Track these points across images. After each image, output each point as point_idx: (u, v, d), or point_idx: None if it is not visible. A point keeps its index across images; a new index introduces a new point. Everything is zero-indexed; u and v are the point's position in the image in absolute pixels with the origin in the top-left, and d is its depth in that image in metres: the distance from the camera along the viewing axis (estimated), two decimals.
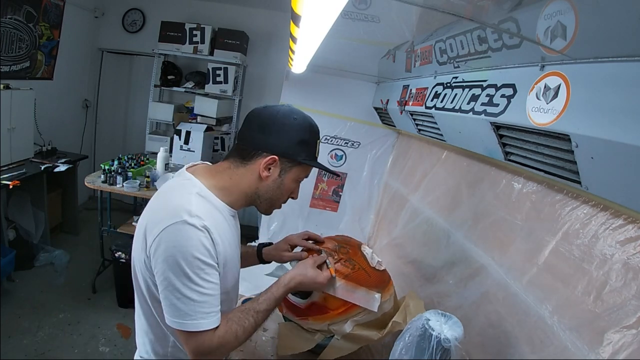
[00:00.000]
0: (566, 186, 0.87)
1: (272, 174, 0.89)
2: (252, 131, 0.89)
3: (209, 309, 0.78)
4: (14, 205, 2.96)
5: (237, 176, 0.89)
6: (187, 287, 0.76)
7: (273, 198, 0.93)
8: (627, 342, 0.65)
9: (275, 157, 0.87)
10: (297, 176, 0.94)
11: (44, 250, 3.07)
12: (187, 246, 0.75)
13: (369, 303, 1.13)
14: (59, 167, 3.00)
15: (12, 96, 2.73)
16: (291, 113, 0.90)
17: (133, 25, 4.02)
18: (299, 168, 0.92)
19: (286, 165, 0.90)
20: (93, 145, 4.31)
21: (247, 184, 0.90)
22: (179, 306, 0.76)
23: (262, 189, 0.91)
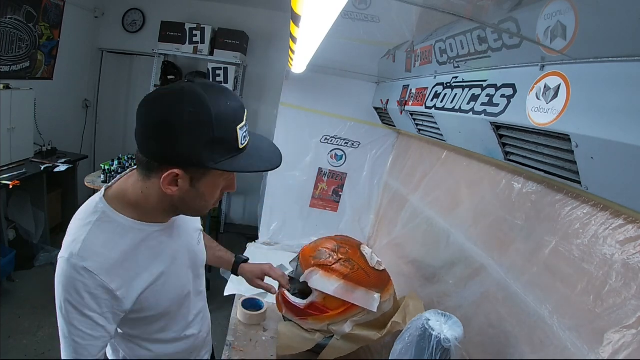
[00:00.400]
0: (566, 186, 0.87)
1: (181, 187, 0.71)
2: (143, 136, 0.70)
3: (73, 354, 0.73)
4: (14, 205, 2.96)
5: (147, 190, 0.74)
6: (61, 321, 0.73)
7: (195, 207, 0.78)
8: (627, 342, 0.65)
9: (174, 172, 0.68)
10: (218, 179, 0.75)
11: (44, 250, 3.07)
12: (62, 284, 0.71)
13: (369, 303, 1.13)
14: (59, 167, 3.00)
15: (12, 96, 2.72)
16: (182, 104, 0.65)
17: (133, 25, 4.02)
18: (215, 172, 0.72)
19: (196, 174, 0.71)
20: (93, 145, 4.30)
21: (156, 201, 0.75)
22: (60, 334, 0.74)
23: (177, 201, 0.75)
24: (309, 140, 2.18)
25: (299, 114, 2.14)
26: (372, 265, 1.20)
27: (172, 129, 0.66)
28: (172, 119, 0.65)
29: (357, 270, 1.16)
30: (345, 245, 1.22)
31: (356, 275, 1.15)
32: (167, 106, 0.66)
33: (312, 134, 2.18)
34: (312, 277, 1.14)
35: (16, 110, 2.77)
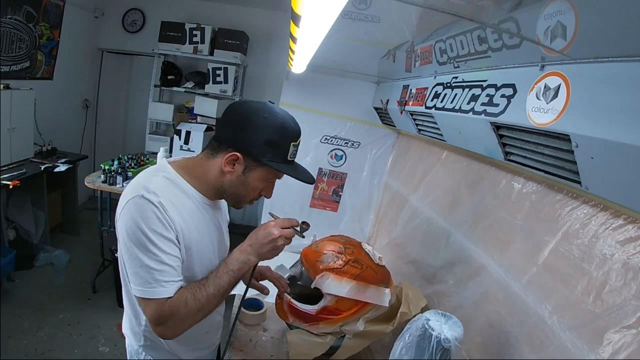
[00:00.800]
0: (566, 186, 0.87)
1: (236, 170, 0.89)
2: (224, 125, 0.92)
3: (168, 277, 0.82)
4: (14, 205, 2.96)
5: (207, 167, 0.91)
6: (145, 256, 0.81)
7: (238, 194, 0.94)
8: (627, 342, 0.65)
9: (236, 154, 0.87)
10: (263, 176, 0.92)
11: (44, 250, 3.07)
12: (143, 218, 0.80)
13: (381, 299, 1.15)
14: (59, 167, 3.00)
15: (12, 96, 2.72)
16: (262, 111, 0.88)
17: (133, 25, 4.02)
18: (264, 169, 0.90)
19: (250, 163, 0.89)
20: (93, 145, 4.31)
21: (213, 176, 0.91)
22: (140, 274, 0.81)
23: (227, 184, 0.91)
24: (309, 140, 2.18)
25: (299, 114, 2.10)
26: (376, 262, 1.22)
27: (249, 123, 0.87)
28: (251, 117, 0.87)
29: (366, 269, 1.17)
30: (350, 246, 1.22)
31: (366, 274, 1.16)
32: (251, 108, 0.89)
33: (312, 134, 2.18)
34: (324, 282, 1.12)
35: (16, 110, 2.77)
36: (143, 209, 0.81)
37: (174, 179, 0.89)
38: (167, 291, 0.82)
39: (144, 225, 0.80)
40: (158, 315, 0.82)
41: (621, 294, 0.69)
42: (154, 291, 0.81)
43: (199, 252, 0.92)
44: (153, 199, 0.81)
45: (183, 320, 0.84)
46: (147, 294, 0.81)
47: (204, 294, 0.85)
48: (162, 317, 0.82)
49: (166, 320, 0.82)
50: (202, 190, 0.93)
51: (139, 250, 0.81)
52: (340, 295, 1.12)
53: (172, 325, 0.83)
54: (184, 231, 0.86)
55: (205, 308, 0.86)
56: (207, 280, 0.88)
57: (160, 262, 0.81)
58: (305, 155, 2.19)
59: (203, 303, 0.85)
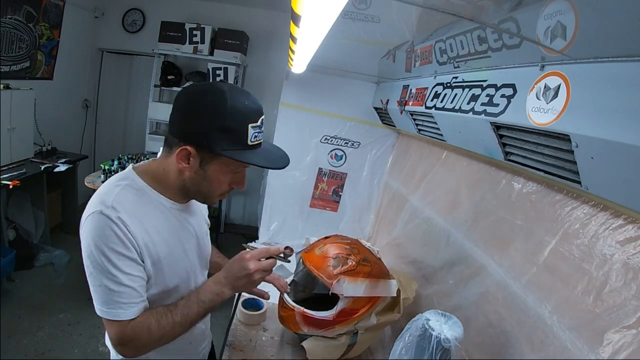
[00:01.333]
0: (566, 186, 0.87)
1: (192, 166, 0.80)
2: (173, 116, 0.82)
3: (127, 299, 0.77)
4: (14, 205, 2.96)
5: (166, 167, 0.84)
6: (104, 276, 0.76)
7: (202, 191, 0.86)
8: (627, 342, 0.65)
9: (187, 148, 0.78)
10: (224, 168, 0.82)
11: (44, 250, 3.07)
12: (100, 236, 0.75)
13: (390, 290, 1.19)
14: (59, 167, 3.00)
15: (12, 96, 2.72)
16: (208, 93, 0.77)
17: (133, 25, 4.02)
18: (222, 159, 0.80)
19: (205, 155, 0.79)
20: (93, 145, 4.30)
21: (173, 177, 0.84)
22: (99, 293, 0.78)
23: (188, 182, 0.84)
24: (309, 140, 2.18)
25: (299, 114, 2.14)
26: (377, 256, 1.26)
27: (194, 110, 0.77)
28: (196, 103, 0.78)
29: (374, 265, 1.20)
30: (354, 245, 1.24)
31: (374, 270, 1.19)
32: (196, 93, 0.80)
33: (312, 134, 2.18)
34: (343, 287, 1.12)
35: (16, 110, 2.77)
36: (100, 226, 0.75)
37: (139, 187, 0.83)
38: (127, 313, 0.78)
39: (101, 244, 0.75)
40: (119, 336, 0.79)
41: (621, 294, 0.69)
42: (114, 312, 0.77)
43: (170, 264, 0.86)
44: (112, 214, 0.75)
45: (145, 345, 0.81)
46: (107, 314, 0.78)
47: (169, 321, 0.81)
48: (124, 339, 0.79)
49: (127, 342, 0.79)
50: (169, 195, 0.86)
51: (96, 270, 0.76)
52: (357, 296, 1.13)
53: (133, 348, 0.80)
54: (149, 245, 0.80)
55: (169, 335, 0.82)
56: (176, 307, 0.83)
57: (119, 284, 0.76)
58: (306, 155, 2.19)
59: (167, 330, 0.81)
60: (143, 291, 0.81)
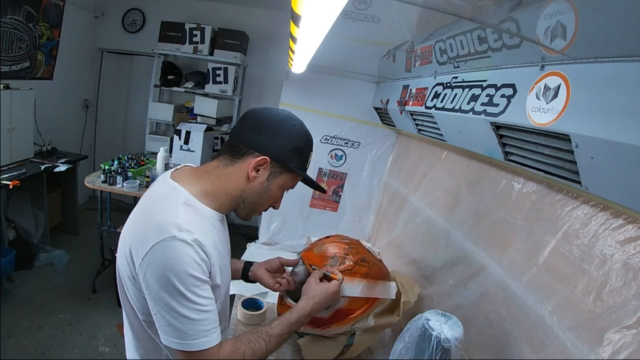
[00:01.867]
0: (566, 186, 0.87)
1: (260, 176, 0.85)
2: (247, 129, 0.86)
3: (209, 325, 0.75)
4: (14, 205, 2.96)
5: (224, 176, 0.84)
6: (183, 306, 0.72)
7: (257, 202, 0.89)
8: (627, 342, 0.65)
9: (266, 158, 0.83)
10: (285, 183, 0.90)
11: (44, 250, 3.07)
12: (178, 264, 0.71)
13: (388, 293, 1.19)
14: (59, 167, 3.00)
15: (12, 96, 2.72)
16: (290, 119, 0.88)
17: (133, 25, 4.02)
18: (288, 175, 0.88)
19: (276, 169, 0.86)
20: (93, 145, 4.31)
21: (234, 185, 0.85)
22: (177, 326, 0.73)
23: (248, 191, 0.86)
24: None
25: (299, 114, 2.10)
26: (377, 257, 1.25)
27: (280, 129, 0.85)
28: (281, 124, 0.86)
29: (373, 266, 1.19)
30: (353, 245, 1.23)
31: (373, 271, 1.18)
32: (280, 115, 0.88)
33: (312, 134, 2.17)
34: None
35: (16, 110, 2.77)
36: (179, 253, 0.71)
37: (192, 202, 0.80)
38: (212, 340, 0.75)
39: (181, 272, 0.71)
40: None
41: (621, 294, 0.69)
42: (199, 343, 0.73)
43: (223, 278, 0.87)
44: (188, 238, 0.72)
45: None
46: (190, 346, 0.73)
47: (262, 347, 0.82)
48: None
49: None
50: (217, 206, 0.85)
51: (174, 301, 0.71)
52: (353, 296, 1.13)
53: None
54: (215, 263, 0.79)
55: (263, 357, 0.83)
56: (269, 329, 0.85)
57: (200, 311, 0.73)
58: None
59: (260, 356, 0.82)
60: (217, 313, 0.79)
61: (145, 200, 0.84)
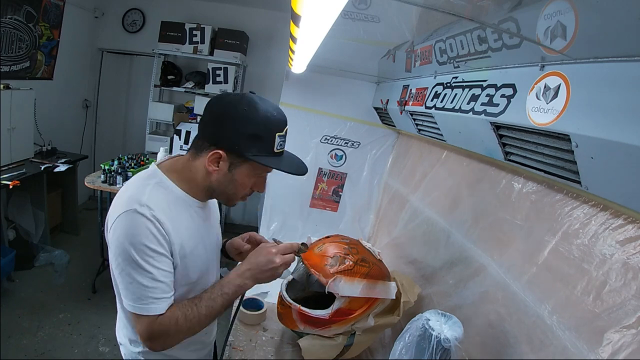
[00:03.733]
0: (566, 186, 0.87)
1: (221, 169, 0.86)
2: (205, 121, 0.88)
3: (159, 294, 0.82)
4: (14, 205, 2.96)
5: (193, 168, 0.89)
6: (137, 273, 0.80)
7: (227, 192, 0.91)
8: (627, 342, 0.65)
9: (219, 152, 0.84)
10: (251, 172, 0.89)
11: (44, 250, 3.07)
12: (135, 234, 0.79)
13: (388, 293, 1.19)
14: (59, 167, 3.00)
15: (12, 96, 2.72)
16: (241, 103, 0.83)
17: (133, 25, 4.02)
18: (250, 164, 0.87)
19: (235, 160, 0.86)
20: (93, 145, 4.31)
21: (200, 177, 0.89)
22: (131, 290, 0.81)
23: (214, 183, 0.89)
24: (309, 140, 2.18)
25: (299, 114, 2.14)
26: (377, 257, 1.25)
27: (227, 118, 0.84)
28: (229, 111, 0.84)
29: (373, 266, 1.19)
30: (353, 245, 1.23)
31: (373, 271, 1.18)
32: (229, 102, 0.86)
33: (312, 134, 2.18)
34: (338, 285, 1.13)
35: (16, 110, 2.77)
36: (136, 225, 0.79)
37: (167, 185, 0.87)
38: (159, 308, 0.82)
39: (137, 242, 0.78)
40: (149, 331, 0.82)
41: (621, 294, 0.69)
42: (146, 308, 0.81)
43: (194, 258, 0.91)
44: (147, 212, 0.79)
45: (172, 337, 0.85)
46: (139, 310, 0.81)
47: (195, 314, 0.85)
48: (153, 334, 0.82)
49: (156, 337, 0.83)
50: (193, 193, 0.91)
51: (131, 267, 0.79)
52: (353, 296, 1.13)
53: (161, 342, 0.84)
54: (179, 241, 0.85)
55: (195, 328, 0.87)
56: (201, 301, 0.87)
57: (153, 280, 0.80)
58: (305, 155, 2.19)
59: (194, 323, 0.85)
60: (172, 286, 0.85)
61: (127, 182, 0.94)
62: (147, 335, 0.83)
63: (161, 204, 0.83)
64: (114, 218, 0.81)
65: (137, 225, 0.79)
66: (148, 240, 0.79)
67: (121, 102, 4.28)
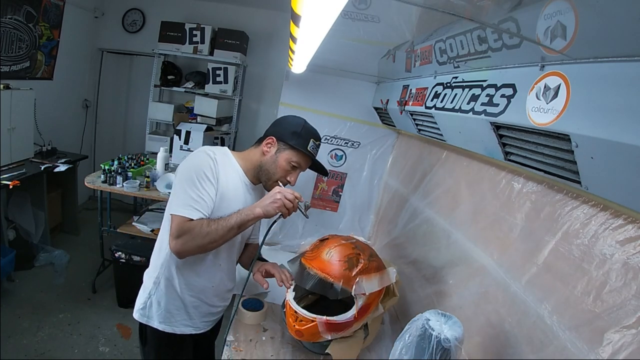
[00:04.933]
0: (566, 186, 0.87)
1: (271, 151, 1.24)
2: (269, 127, 1.29)
3: (198, 207, 1.09)
4: (14, 205, 2.96)
5: (252, 154, 1.27)
6: (189, 188, 1.09)
7: (270, 170, 1.23)
8: (627, 342, 0.65)
9: (272, 138, 1.24)
10: (289, 158, 1.22)
11: (44, 250, 3.07)
12: (199, 163, 1.13)
13: (391, 277, 1.25)
14: (59, 167, 3.00)
15: (12, 96, 2.72)
16: (295, 117, 1.30)
17: (133, 25, 4.02)
18: (291, 151, 1.22)
19: (281, 146, 1.23)
20: (93, 145, 4.31)
21: (256, 158, 1.26)
22: (180, 197, 1.10)
23: (264, 161, 1.24)
24: None
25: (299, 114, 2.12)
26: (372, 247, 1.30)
27: (283, 121, 1.30)
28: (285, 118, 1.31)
29: (377, 258, 1.24)
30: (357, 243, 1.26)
31: (379, 262, 1.24)
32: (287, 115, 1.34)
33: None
34: (362, 286, 1.14)
35: (16, 110, 2.77)
36: (202, 158, 1.13)
37: (230, 157, 1.24)
38: (194, 214, 1.08)
39: (198, 168, 1.11)
40: (179, 228, 1.07)
41: (621, 294, 0.69)
42: (185, 211, 1.07)
43: (228, 204, 1.17)
44: (211, 154, 1.14)
45: (194, 237, 1.07)
46: (178, 211, 1.08)
47: (215, 225, 1.10)
48: (181, 231, 1.07)
49: (183, 234, 1.07)
50: (246, 171, 1.25)
51: (186, 183, 1.09)
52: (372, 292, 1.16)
53: (184, 240, 1.07)
54: (224, 187, 1.15)
55: (213, 235, 1.09)
56: (220, 219, 1.12)
57: (198, 195, 1.09)
58: None
59: (212, 230, 1.09)
60: (209, 208, 1.12)
61: None
62: (176, 232, 1.07)
63: (223, 160, 1.17)
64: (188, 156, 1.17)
65: (203, 158, 1.13)
66: (207, 170, 1.11)
67: (121, 102, 4.28)
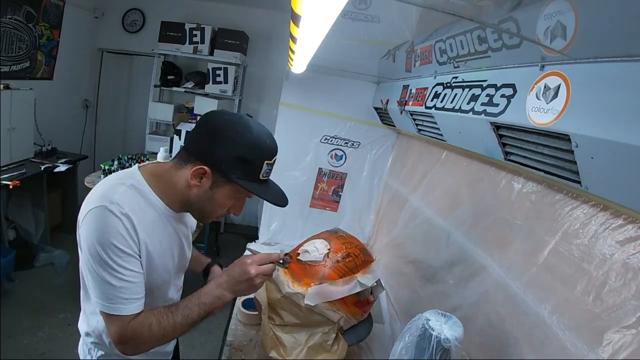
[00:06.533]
0: (566, 186, 0.87)
1: (203, 185, 0.84)
2: (197, 134, 0.87)
3: (128, 295, 0.80)
4: (14, 205, 2.95)
5: (175, 178, 0.87)
6: (106, 272, 0.78)
7: (204, 209, 0.90)
8: (627, 342, 0.65)
9: (204, 168, 0.82)
10: (232, 194, 0.87)
11: (44, 250, 3.07)
12: (103, 232, 0.77)
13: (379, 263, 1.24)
14: (59, 167, 3.00)
15: (12, 96, 2.72)
16: (236, 124, 0.83)
17: (133, 25, 4.02)
18: (233, 186, 0.85)
19: (218, 179, 0.84)
20: (93, 145, 4.30)
21: (180, 188, 0.87)
22: (100, 288, 0.80)
23: (193, 197, 0.87)
24: (309, 140, 2.18)
25: (299, 114, 2.14)
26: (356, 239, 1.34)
27: (220, 136, 0.82)
28: (222, 130, 0.82)
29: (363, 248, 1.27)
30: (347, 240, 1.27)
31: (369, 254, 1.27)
32: (224, 121, 0.84)
33: (312, 134, 2.18)
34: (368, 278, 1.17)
35: (16, 110, 2.77)
36: (105, 222, 0.77)
37: (141, 188, 0.85)
38: (129, 309, 0.80)
39: (105, 241, 0.77)
40: (120, 334, 0.81)
41: (621, 294, 0.69)
42: (116, 308, 0.80)
43: (158, 264, 0.89)
44: (116, 210, 0.78)
45: (145, 343, 0.83)
46: (108, 309, 0.80)
47: (170, 322, 0.84)
48: (124, 337, 0.81)
49: (128, 340, 0.82)
50: (168, 202, 0.89)
51: (99, 265, 0.78)
52: None
53: (133, 346, 0.83)
54: (147, 243, 0.84)
55: (169, 335, 0.85)
56: (177, 309, 0.86)
57: (121, 280, 0.79)
58: (305, 155, 2.19)
59: (168, 331, 0.84)
60: (142, 288, 0.84)
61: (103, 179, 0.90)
62: (118, 338, 0.81)
63: (132, 204, 0.81)
64: (84, 213, 0.80)
65: (106, 223, 0.77)
66: (117, 240, 0.78)
67: (121, 102, 4.28)
